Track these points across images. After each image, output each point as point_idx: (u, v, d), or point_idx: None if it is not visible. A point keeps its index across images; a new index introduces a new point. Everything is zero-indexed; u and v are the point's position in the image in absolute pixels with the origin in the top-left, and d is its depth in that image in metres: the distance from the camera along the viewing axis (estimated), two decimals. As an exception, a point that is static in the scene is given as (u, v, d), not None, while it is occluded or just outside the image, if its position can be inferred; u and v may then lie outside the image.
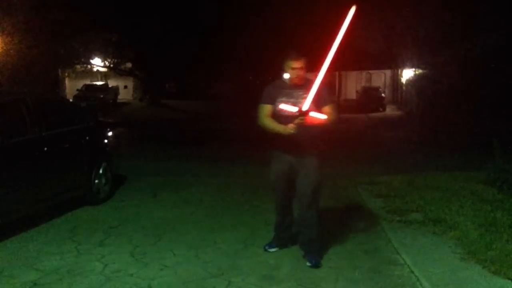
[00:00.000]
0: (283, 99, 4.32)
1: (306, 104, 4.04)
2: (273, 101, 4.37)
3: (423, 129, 15.95)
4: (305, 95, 4.15)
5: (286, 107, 4.21)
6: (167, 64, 29.19)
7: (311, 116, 4.05)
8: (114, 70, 33.51)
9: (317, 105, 4.18)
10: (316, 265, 4.36)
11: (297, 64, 4.34)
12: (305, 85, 4.27)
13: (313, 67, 4.21)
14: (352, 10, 3.87)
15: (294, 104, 4.18)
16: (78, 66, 31.40)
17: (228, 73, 30.48)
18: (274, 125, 4.31)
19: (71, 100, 24.53)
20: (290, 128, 4.11)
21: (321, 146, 4.47)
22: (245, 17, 25.21)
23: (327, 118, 4.13)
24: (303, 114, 4.03)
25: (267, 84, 4.66)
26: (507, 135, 10.00)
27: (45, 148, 5.66)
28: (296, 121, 4.06)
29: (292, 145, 4.29)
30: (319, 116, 4.09)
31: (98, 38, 26.81)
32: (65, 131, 6.20)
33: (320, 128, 4.26)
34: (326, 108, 4.29)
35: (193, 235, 5.27)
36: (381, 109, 29.88)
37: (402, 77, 30.37)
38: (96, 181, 6.53)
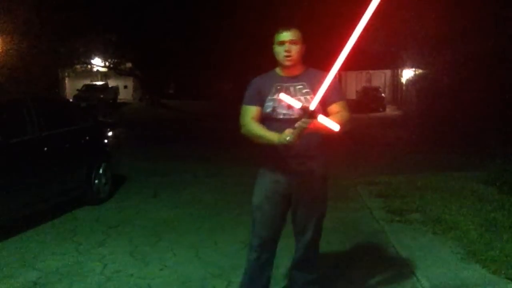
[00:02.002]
0: (275, 96, 3.09)
1: (314, 103, 2.76)
2: (262, 101, 3.14)
3: (423, 129, 15.91)
4: (305, 90, 3.08)
5: (287, 99, 2.93)
6: (167, 64, 29.19)
7: (318, 122, 2.75)
8: (114, 70, 33.52)
9: (323, 101, 2.91)
10: None
11: (286, 36, 3.07)
12: (305, 74, 3.13)
13: (320, 66, 3.22)
14: None
15: None
16: (78, 66, 31.43)
17: (228, 73, 30.44)
18: (263, 132, 3.03)
19: (71, 100, 24.57)
20: (287, 134, 2.80)
21: (326, 159, 3.26)
22: (245, 16, 25.20)
23: (340, 126, 2.78)
24: (309, 115, 2.73)
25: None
26: (507, 135, 10.01)
27: (45, 148, 5.67)
28: (298, 124, 2.77)
29: (290, 160, 3.08)
30: (330, 125, 2.76)
31: (98, 38, 26.86)
32: (65, 131, 6.21)
33: (328, 135, 2.95)
34: (335, 106, 3.07)
35: (193, 235, 5.28)
36: (381, 109, 29.86)
37: (402, 77, 30.35)
38: (96, 181, 6.54)
